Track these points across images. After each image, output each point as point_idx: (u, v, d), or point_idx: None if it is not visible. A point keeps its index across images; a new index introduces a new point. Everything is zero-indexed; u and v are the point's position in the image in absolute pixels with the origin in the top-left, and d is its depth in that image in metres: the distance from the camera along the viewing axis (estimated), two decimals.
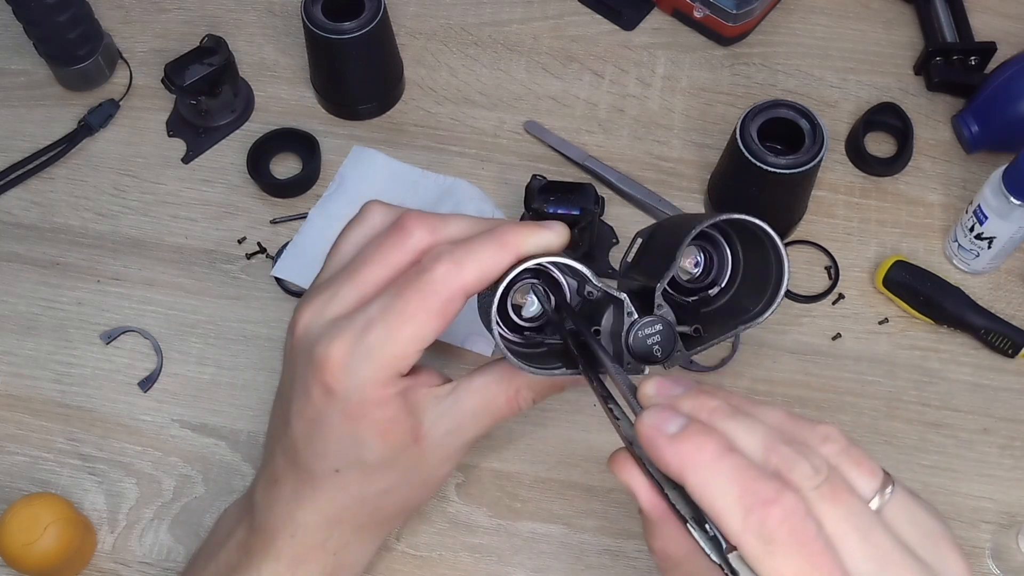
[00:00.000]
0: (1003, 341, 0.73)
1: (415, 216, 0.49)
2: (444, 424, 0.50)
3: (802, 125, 0.71)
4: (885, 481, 0.38)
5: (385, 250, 0.49)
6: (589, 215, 0.72)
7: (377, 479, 0.51)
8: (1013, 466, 0.70)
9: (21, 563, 0.62)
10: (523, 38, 0.88)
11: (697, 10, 0.85)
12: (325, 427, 0.49)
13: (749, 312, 0.48)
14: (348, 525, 0.53)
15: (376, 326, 0.47)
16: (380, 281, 0.48)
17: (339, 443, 0.49)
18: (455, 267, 0.46)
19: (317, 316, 0.49)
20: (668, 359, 0.47)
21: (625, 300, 0.47)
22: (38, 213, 0.80)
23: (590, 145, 0.82)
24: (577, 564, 0.67)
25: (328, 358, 0.47)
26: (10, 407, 0.73)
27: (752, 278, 0.50)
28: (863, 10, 0.89)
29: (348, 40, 0.77)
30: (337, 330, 0.47)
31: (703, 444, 0.36)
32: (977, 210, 0.72)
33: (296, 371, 0.50)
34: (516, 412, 0.52)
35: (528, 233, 0.47)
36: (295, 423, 0.50)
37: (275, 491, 0.52)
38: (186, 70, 0.78)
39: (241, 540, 0.54)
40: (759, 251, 0.49)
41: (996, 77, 0.79)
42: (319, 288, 0.50)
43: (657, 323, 0.46)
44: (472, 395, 0.51)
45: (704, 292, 0.52)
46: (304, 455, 0.50)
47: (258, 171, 0.80)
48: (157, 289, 0.77)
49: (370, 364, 0.47)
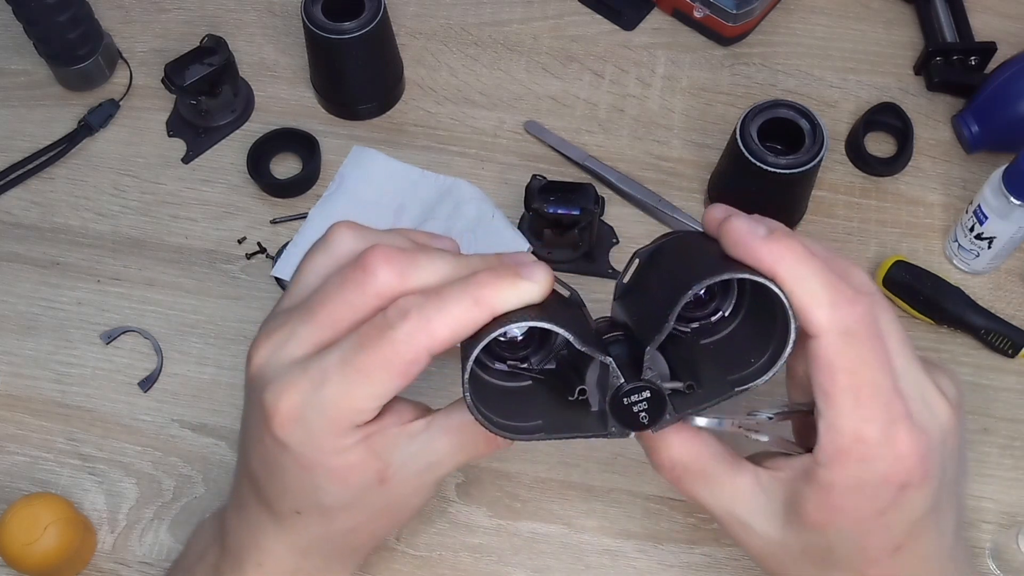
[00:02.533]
0: (1003, 341, 0.73)
1: (381, 254, 0.44)
2: (415, 463, 0.47)
3: (802, 125, 0.71)
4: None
5: (347, 289, 0.44)
6: (589, 215, 0.72)
7: (340, 520, 0.48)
8: (1013, 466, 0.70)
9: (21, 563, 0.62)
10: (523, 38, 0.88)
11: (697, 10, 0.85)
12: (280, 472, 0.46)
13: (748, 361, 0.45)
14: (316, 556, 0.51)
15: (332, 380, 0.43)
16: (340, 323, 0.44)
17: (295, 488, 0.46)
18: (422, 325, 0.42)
19: (272, 355, 0.45)
20: (656, 425, 0.44)
21: (611, 365, 0.43)
22: (38, 213, 0.80)
23: (590, 145, 0.83)
24: (577, 564, 0.67)
25: (277, 409, 0.44)
26: (10, 407, 0.73)
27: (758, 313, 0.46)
28: (863, 10, 0.89)
29: (348, 40, 0.77)
30: (290, 378, 0.44)
31: (792, 245, 0.41)
32: (977, 210, 0.72)
33: (251, 410, 0.47)
34: (495, 451, 0.49)
35: (505, 287, 0.43)
36: (253, 461, 0.47)
37: (242, 516, 0.51)
38: (186, 70, 0.79)
39: (213, 563, 0.53)
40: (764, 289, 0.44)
41: (996, 77, 0.79)
42: (277, 319, 0.47)
43: (645, 390, 0.43)
44: (448, 435, 0.47)
45: (706, 320, 0.48)
46: (265, 492, 0.48)
47: (258, 171, 0.80)
48: (157, 289, 0.77)
49: (322, 419, 0.44)
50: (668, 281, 0.44)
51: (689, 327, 0.48)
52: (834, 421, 0.42)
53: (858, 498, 0.43)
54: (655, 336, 0.43)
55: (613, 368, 0.43)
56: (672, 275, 0.45)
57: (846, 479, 0.42)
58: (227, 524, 0.52)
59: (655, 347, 0.43)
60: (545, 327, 0.43)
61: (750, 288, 0.47)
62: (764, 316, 0.45)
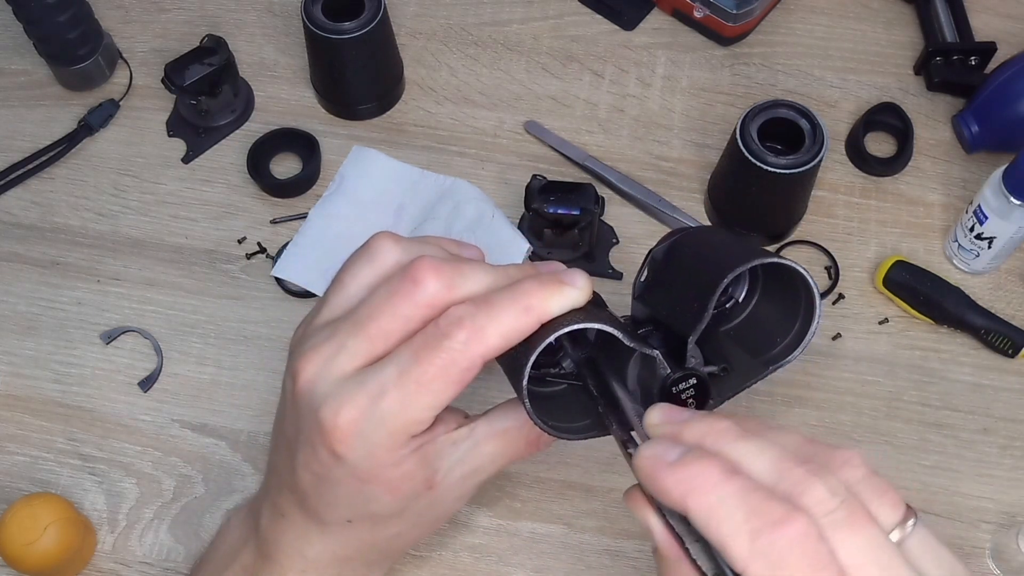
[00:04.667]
0: (1003, 341, 0.73)
1: (429, 265, 0.45)
2: (460, 469, 0.48)
3: (802, 125, 0.71)
4: (908, 514, 0.36)
5: (397, 301, 0.45)
6: (589, 215, 0.72)
7: (388, 527, 0.49)
8: (1013, 466, 0.70)
9: (21, 563, 0.62)
10: (523, 38, 0.88)
11: (697, 10, 0.85)
12: (334, 485, 0.47)
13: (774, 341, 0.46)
14: (358, 562, 0.52)
15: (390, 393, 0.44)
16: (391, 336, 0.45)
17: (349, 499, 0.47)
18: (477, 334, 0.43)
19: (323, 370, 0.45)
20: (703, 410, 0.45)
21: (658, 356, 0.44)
22: (38, 213, 0.80)
23: (590, 145, 0.82)
24: (577, 564, 0.67)
25: (337, 426, 0.44)
26: (10, 407, 0.73)
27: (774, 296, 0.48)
28: (863, 10, 0.89)
29: (348, 40, 0.77)
30: (347, 393, 0.44)
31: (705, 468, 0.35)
32: (977, 210, 0.72)
33: (301, 424, 0.47)
34: (534, 453, 0.50)
35: (552, 294, 0.44)
36: (302, 473, 0.48)
37: (283, 524, 0.51)
38: (186, 70, 0.78)
39: (248, 565, 0.53)
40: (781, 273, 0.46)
41: (996, 77, 0.79)
42: (323, 332, 0.47)
43: (691, 377, 0.44)
44: (491, 441, 0.49)
45: (721, 307, 0.50)
46: (312, 503, 0.49)
47: (258, 171, 0.80)
48: (157, 289, 0.77)
49: (382, 432, 0.44)
50: (696, 273, 0.46)
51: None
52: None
53: None
54: (696, 325, 0.44)
55: (660, 359, 0.44)
56: (699, 266, 0.46)
57: None
58: (264, 531, 0.52)
59: (696, 336, 0.44)
60: (596, 327, 0.44)
61: (762, 273, 0.49)
62: (780, 295, 0.47)
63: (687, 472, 0.35)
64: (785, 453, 0.36)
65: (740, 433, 0.37)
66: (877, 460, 0.70)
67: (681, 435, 0.38)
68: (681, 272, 0.48)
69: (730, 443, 0.37)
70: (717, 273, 0.43)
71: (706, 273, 0.44)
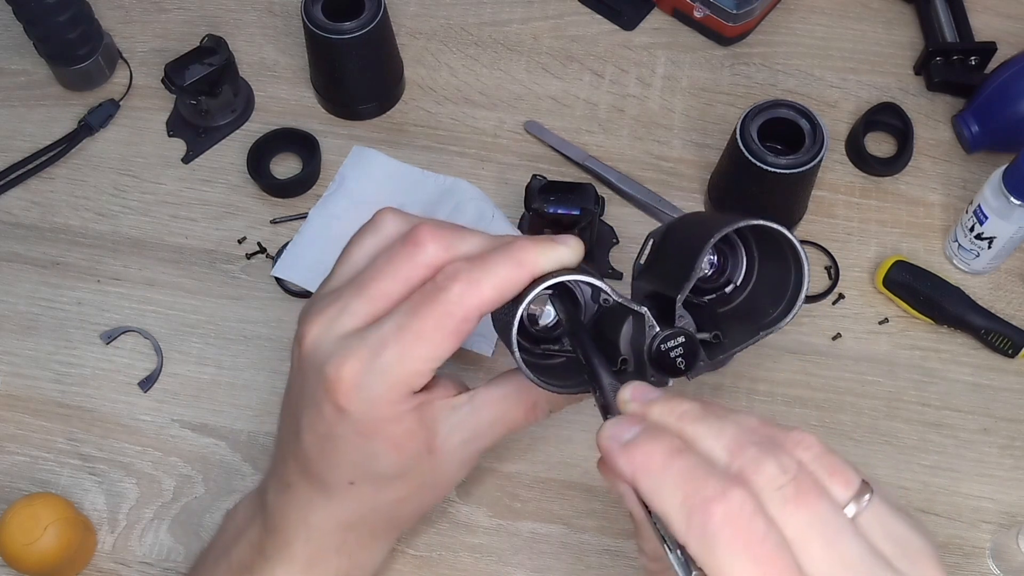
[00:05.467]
0: (1003, 341, 0.73)
1: (429, 228, 0.47)
2: (460, 434, 0.50)
3: (802, 125, 0.71)
4: (863, 489, 0.36)
5: (398, 263, 0.47)
6: (589, 215, 0.72)
7: (391, 490, 0.50)
8: (1013, 466, 0.70)
9: (21, 563, 0.62)
10: (523, 38, 0.88)
11: (697, 10, 0.85)
12: (338, 443, 0.48)
13: (767, 312, 0.48)
14: (363, 530, 0.52)
15: (390, 345, 0.46)
16: (392, 295, 0.47)
17: (352, 458, 0.48)
18: (471, 286, 0.45)
19: (327, 330, 0.47)
20: (692, 370, 0.46)
21: (646, 313, 0.46)
22: (38, 213, 0.80)
23: (590, 145, 0.83)
24: (577, 564, 0.67)
25: (340, 378, 0.46)
26: (10, 407, 0.73)
27: (769, 275, 0.50)
28: (863, 10, 0.89)
29: (348, 40, 0.77)
30: (349, 348, 0.46)
31: (653, 448, 0.36)
32: (977, 210, 0.72)
33: (306, 385, 0.48)
34: (532, 423, 0.51)
35: (544, 250, 0.46)
36: (306, 436, 0.49)
37: (288, 495, 0.52)
38: (186, 70, 0.78)
39: (254, 541, 0.54)
40: (775, 249, 0.48)
41: (996, 77, 0.79)
42: (328, 298, 0.49)
43: (679, 335, 0.45)
44: (490, 407, 0.50)
45: (720, 291, 0.51)
46: (317, 466, 0.50)
47: (258, 171, 0.80)
48: (157, 289, 0.77)
49: (383, 384, 0.46)
50: (686, 244, 0.47)
51: (706, 299, 0.51)
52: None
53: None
54: (684, 285, 0.46)
55: (648, 317, 0.46)
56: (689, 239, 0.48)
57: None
58: (270, 504, 0.53)
59: (684, 295, 0.46)
60: (583, 279, 0.46)
61: (758, 253, 0.50)
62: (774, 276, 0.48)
63: (637, 452, 0.36)
64: (741, 433, 0.37)
65: (700, 415, 0.38)
66: (877, 460, 0.70)
67: (647, 413, 0.39)
68: (674, 247, 0.49)
69: (690, 423, 0.38)
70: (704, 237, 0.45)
71: (695, 239, 0.46)
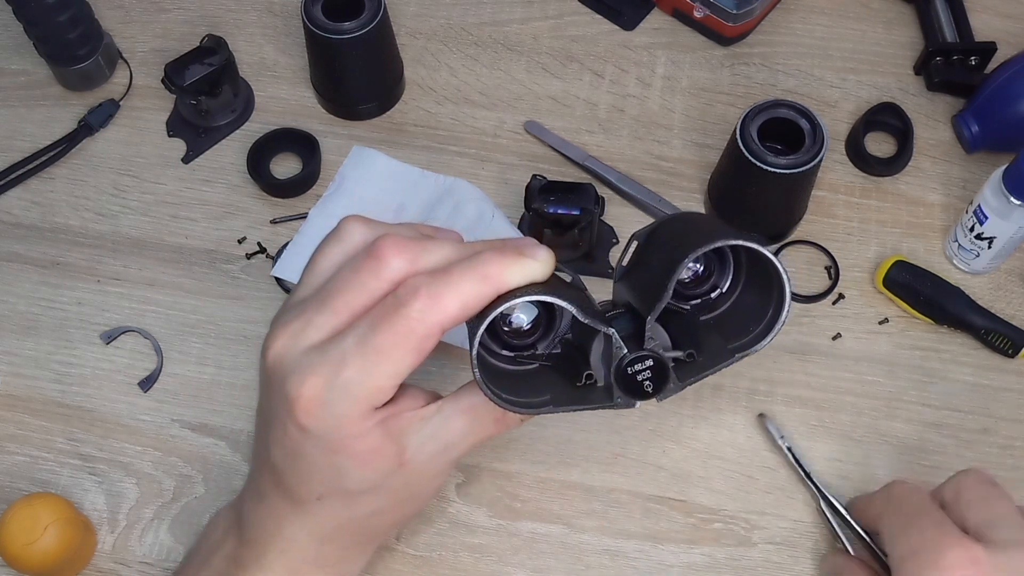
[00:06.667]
0: (1003, 341, 0.73)
1: (392, 241, 0.46)
2: (430, 446, 0.49)
3: (802, 125, 0.71)
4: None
5: (361, 277, 0.46)
6: (589, 215, 0.72)
7: (362, 504, 0.50)
8: (1014, 466, 0.70)
9: (21, 563, 0.62)
10: (523, 38, 0.88)
11: (697, 10, 0.85)
12: (305, 458, 0.47)
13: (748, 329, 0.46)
14: (340, 542, 0.52)
15: (351, 362, 0.45)
16: (355, 309, 0.46)
17: (319, 473, 0.48)
18: (432, 302, 0.44)
19: (290, 344, 0.47)
20: (661, 393, 0.45)
21: (614, 335, 0.44)
22: (38, 213, 0.80)
23: (590, 145, 0.82)
24: (577, 564, 0.67)
25: (301, 396, 0.45)
26: (10, 407, 0.73)
27: (755, 287, 0.48)
28: (863, 10, 0.89)
29: (348, 40, 0.77)
30: (310, 364, 0.45)
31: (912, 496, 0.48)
32: (977, 210, 0.72)
33: (271, 399, 0.48)
34: (504, 431, 0.51)
35: (510, 264, 0.45)
36: (274, 450, 0.49)
37: (263, 507, 0.52)
38: (186, 70, 0.79)
39: (230, 552, 0.53)
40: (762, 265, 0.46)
41: (996, 77, 0.79)
42: (293, 310, 0.48)
43: (648, 358, 0.44)
44: (459, 417, 0.49)
45: (705, 296, 0.50)
46: (287, 479, 0.49)
47: (258, 171, 0.80)
48: (157, 289, 0.77)
49: (346, 401, 0.45)
50: (664, 256, 0.46)
51: (689, 304, 0.50)
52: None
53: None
54: (656, 305, 0.44)
55: (616, 339, 0.44)
56: (669, 248, 0.46)
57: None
58: (246, 515, 0.53)
59: (655, 316, 0.44)
60: (548, 300, 0.44)
61: (746, 262, 0.49)
62: (761, 287, 0.46)
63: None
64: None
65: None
66: (877, 460, 0.70)
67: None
68: (655, 255, 0.48)
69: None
70: (680, 254, 0.44)
71: (672, 254, 0.44)
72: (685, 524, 0.68)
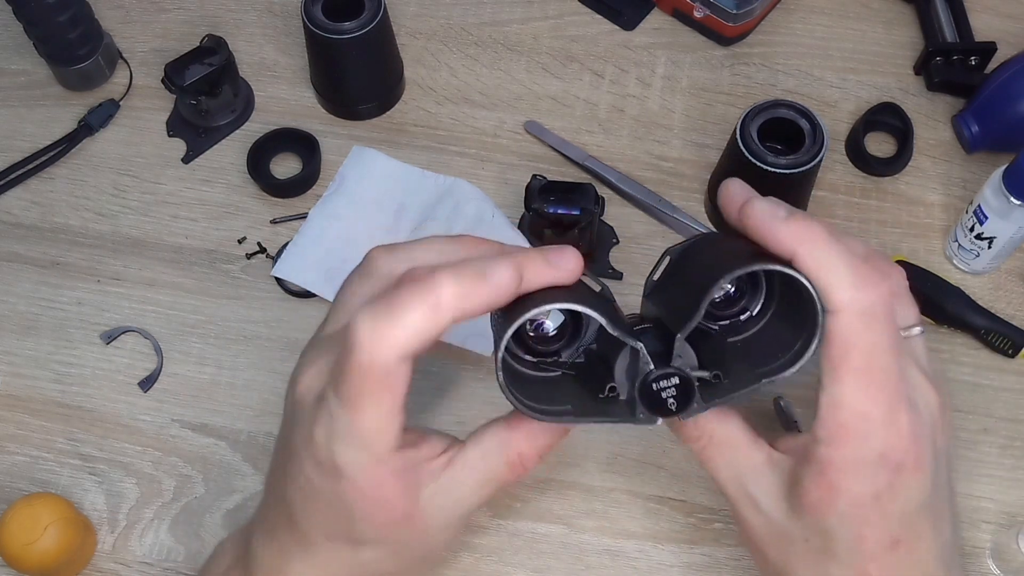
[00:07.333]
0: (1003, 341, 0.73)
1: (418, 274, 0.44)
2: (440, 500, 0.47)
3: (802, 125, 0.71)
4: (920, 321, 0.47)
5: None
6: (589, 215, 0.72)
7: (368, 552, 0.48)
8: (1013, 466, 0.70)
9: (21, 563, 0.62)
10: (523, 38, 0.88)
11: (697, 10, 0.85)
12: (318, 498, 0.47)
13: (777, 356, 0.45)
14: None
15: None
16: None
17: (329, 515, 0.47)
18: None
19: (315, 382, 0.46)
20: (684, 412, 0.44)
21: (642, 350, 0.44)
22: (38, 213, 0.80)
23: (590, 145, 0.83)
24: (577, 564, 0.67)
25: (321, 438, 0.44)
26: (10, 407, 0.73)
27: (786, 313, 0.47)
28: (863, 10, 0.89)
29: (348, 40, 0.77)
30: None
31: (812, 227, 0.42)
32: (977, 210, 0.72)
33: (293, 435, 0.47)
34: (521, 477, 0.49)
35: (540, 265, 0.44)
36: (290, 486, 0.48)
37: (271, 544, 0.51)
38: (186, 70, 0.79)
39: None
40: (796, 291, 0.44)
41: (996, 77, 0.79)
42: (321, 345, 0.47)
43: (674, 376, 0.43)
44: (471, 470, 0.47)
45: (735, 318, 0.49)
46: (298, 517, 0.48)
47: (258, 171, 0.80)
48: (157, 289, 0.77)
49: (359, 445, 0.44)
50: (698, 275, 0.45)
51: (718, 325, 0.49)
52: (840, 398, 0.43)
53: (854, 478, 0.43)
54: (686, 324, 0.44)
55: (643, 354, 0.44)
56: (703, 269, 0.46)
57: (843, 457, 0.43)
58: (254, 550, 0.52)
59: (685, 335, 0.44)
60: (578, 309, 0.43)
61: (779, 288, 0.48)
62: (792, 313, 0.45)
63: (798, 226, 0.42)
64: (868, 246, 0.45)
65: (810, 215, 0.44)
66: None
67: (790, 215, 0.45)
68: (689, 273, 0.47)
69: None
70: (716, 274, 0.43)
71: (708, 273, 0.44)
72: (685, 524, 0.68)
